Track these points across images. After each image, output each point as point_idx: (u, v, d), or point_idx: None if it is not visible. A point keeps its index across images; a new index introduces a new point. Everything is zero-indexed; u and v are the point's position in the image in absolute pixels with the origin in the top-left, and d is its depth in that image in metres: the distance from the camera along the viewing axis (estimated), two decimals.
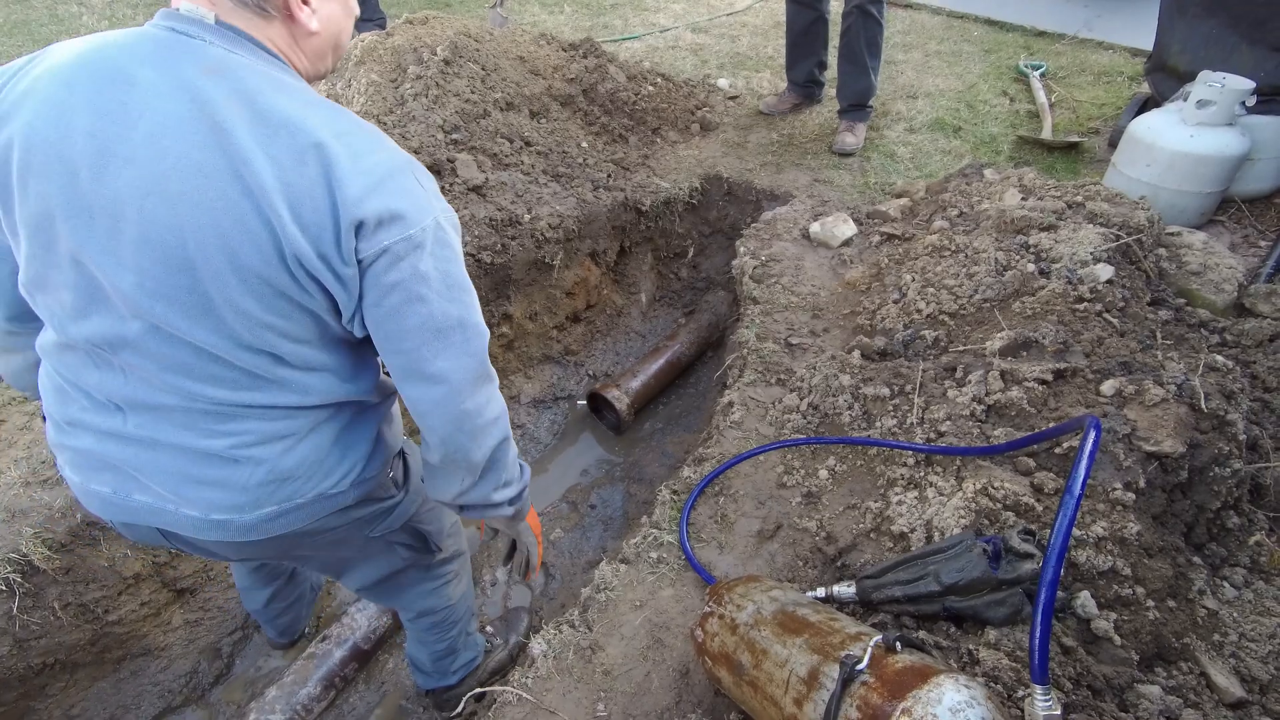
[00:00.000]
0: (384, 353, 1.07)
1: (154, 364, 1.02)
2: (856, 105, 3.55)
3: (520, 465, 1.29)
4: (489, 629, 2.13)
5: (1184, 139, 2.73)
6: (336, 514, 1.23)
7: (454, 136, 2.76)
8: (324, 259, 0.96)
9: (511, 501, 1.27)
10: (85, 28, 4.72)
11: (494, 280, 2.66)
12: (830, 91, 3.89)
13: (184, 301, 0.96)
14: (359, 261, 0.98)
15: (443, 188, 2.61)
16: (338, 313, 1.04)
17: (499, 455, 1.18)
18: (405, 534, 1.48)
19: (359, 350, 1.15)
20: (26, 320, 1.15)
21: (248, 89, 0.93)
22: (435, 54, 2.91)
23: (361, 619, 2.11)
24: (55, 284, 1.00)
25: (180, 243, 0.93)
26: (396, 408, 1.33)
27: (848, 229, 2.76)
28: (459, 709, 1.87)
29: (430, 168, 2.61)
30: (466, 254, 2.53)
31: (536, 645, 1.58)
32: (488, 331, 1.11)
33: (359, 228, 0.95)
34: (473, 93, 2.90)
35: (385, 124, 2.62)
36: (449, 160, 2.67)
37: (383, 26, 4.52)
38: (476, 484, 1.19)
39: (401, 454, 1.37)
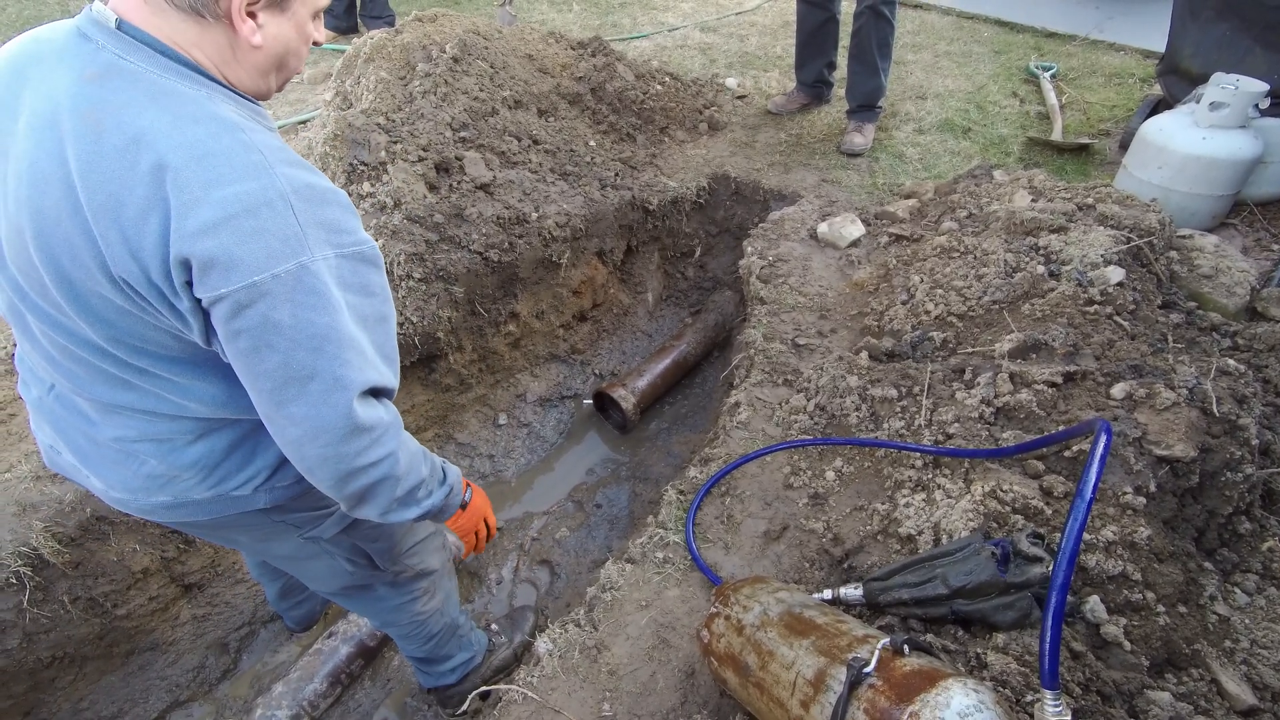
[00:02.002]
0: (246, 388, 0.98)
1: (52, 353, 1.06)
2: (865, 106, 3.54)
3: (433, 489, 1.18)
4: (494, 627, 2.13)
5: (1196, 141, 2.71)
6: (255, 514, 1.21)
7: (462, 134, 2.76)
8: (155, 288, 0.90)
9: (420, 518, 1.18)
10: None
11: (501, 279, 2.67)
12: (839, 92, 3.88)
13: (44, 301, 0.98)
14: (198, 300, 0.90)
15: (450, 186, 2.61)
16: (197, 340, 0.97)
17: (373, 495, 1.07)
18: (344, 548, 1.39)
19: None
20: None
21: (116, 100, 0.88)
22: (444, 52, 2.91)
23: None
24: None
25: (26, 246, 0.93)
26: None
27: (856, 229, 2.75)
28: (463, 707, 1.86)
29: (438, 165, 2.62)
30: (474, 252, 2.54)
31: (542, 644, 1.58)
32: (363, 384, 0.99)
33: (187, 265, 0.87)
34: (481, 91, 2.90)
35: (394, 121, 2.63)
36: (457, 158, 2.67)
37: (391, 24, 4.53)
38: (358, 510, 1.09)
39: None
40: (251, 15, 0.93)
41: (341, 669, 2.03)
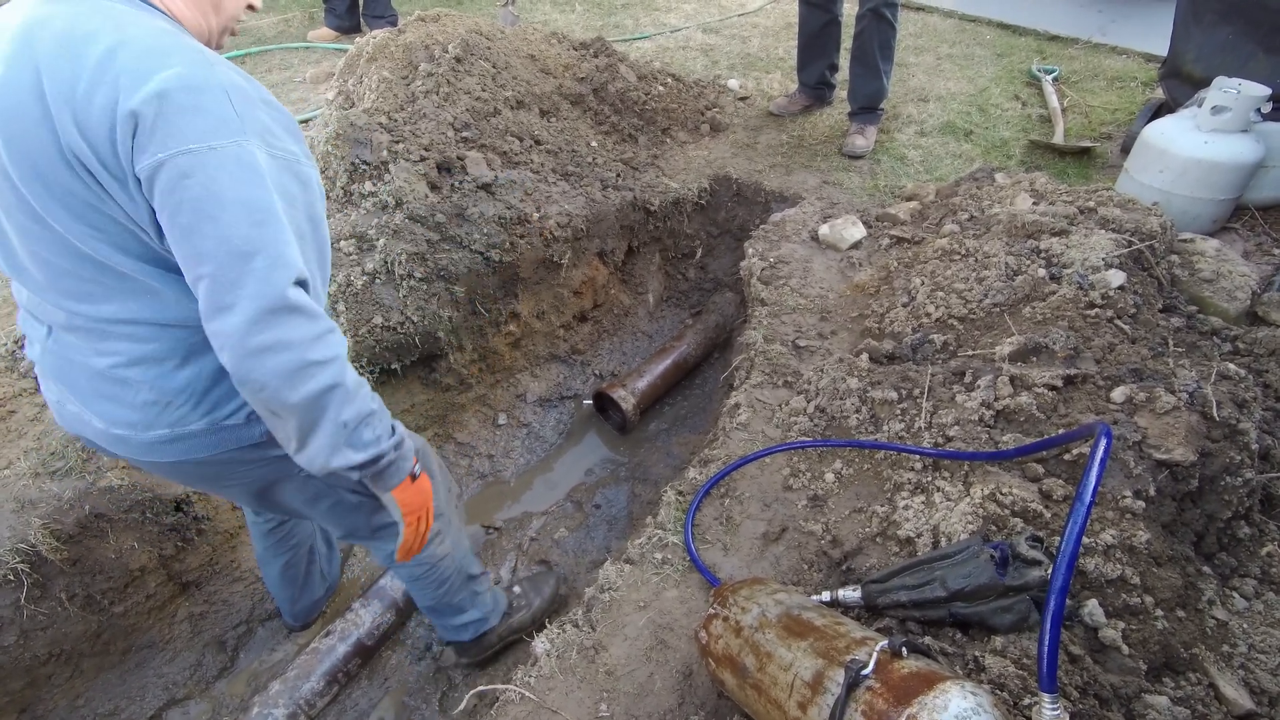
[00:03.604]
0: (190, 283, 1.00)
1: (38, 277, 1.11)
2: (867, 108, 3.54)
3: (380, 434, 1.16)
4: (516, 590, 2.13)
5: (1198, 145, 2.71)
6: (248, 449, 1.23)
7: (464, 134, 2.76)
8: (104, 168, 0.97)
9: (363, 466, 1.14)
10: None
11: (502, 279, 2.67)
12: (841, 94, 3.88)
13: (22, 213, 1.04)
14: (139, 177, 0.95)
15: (452, 186, 2.61)
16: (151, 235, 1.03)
17: (324, 408, 1.05)
18: (343, 480, 1.35)
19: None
20: None
21: (73, 12, 0.99)
22: (447, 51, 2.91)
23: (366, 614, 2.11)
24: None
25: (0, 156, 1.01)
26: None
27: (857, 231, 2.75)
28: (477, 659, 1.96)
29: (440, 165, 2.62)
30: (475, 252, 2.54)
31: (539, 644, 1.58)
32: (300, 269, 1.01)
33: (136, 127, 0.93)
34: (483, 91, 2.91)
35: (396, 120, 2.63)
36: (459, 158, 2.67)
37: (394, 24, 4.54)
38: (308, 441, 1.07)
39: None
40: None
41: (339, 668, 2.03)
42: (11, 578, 1.74)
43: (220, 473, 1.29)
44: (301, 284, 1.03)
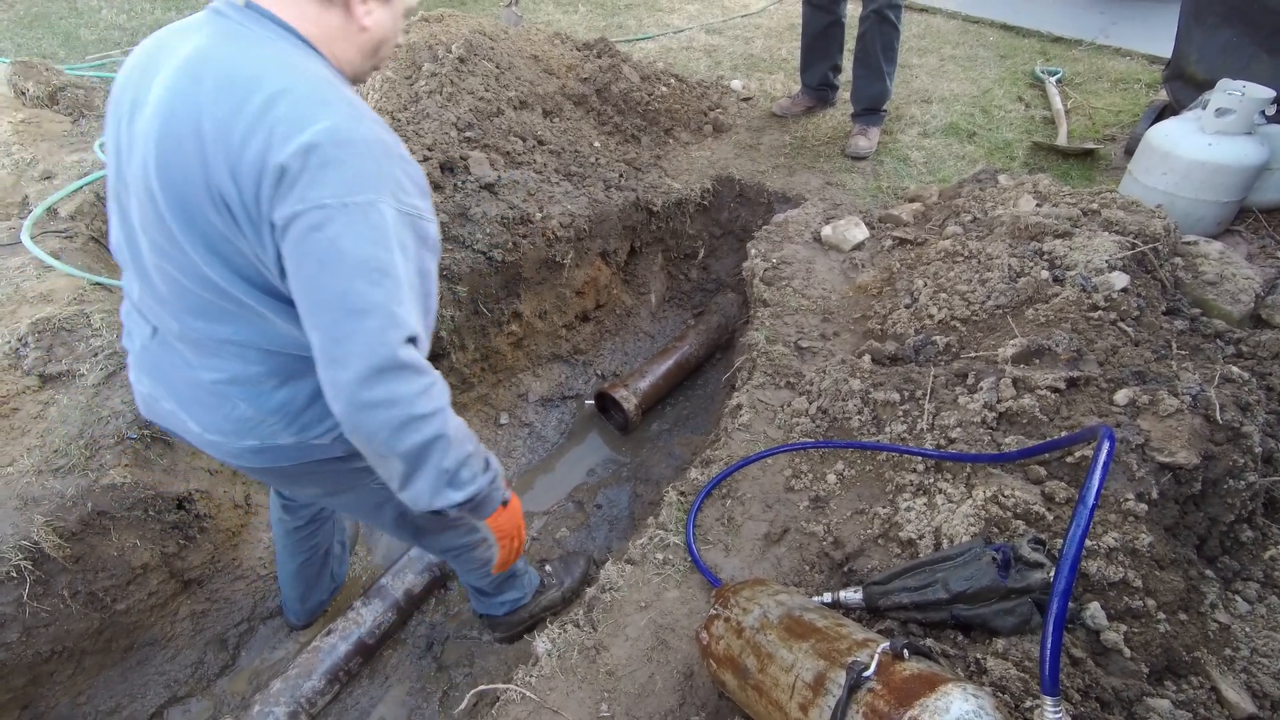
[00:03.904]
0: (306, 332, 1.05)
1: (161, 289, 1.17)
2: (870, 109, 3.54)
3: (477, 473, 1.20)
4: (548, 568, 2.19)
5: (1202, 147, 2.70)
6: (327, 462, 1.31)
7: (467, 134, 2.76)
8: (245, 209, 1.02)
9: (463, 504, 1.19)
10: (104, 21, 4.76)
11: (504, 278, 2.67)
12: (844, 95, 3.88)
13: (158, 232, 1.11)
14: (274, 224, 1.00)
15: (455, 185, 2.61)
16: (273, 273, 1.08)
17: (427, 457, 1.10)
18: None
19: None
20: None
21: (238, 53, 1.04)
22: (450, 51, 2.92)
23: (367, 614, 2.11)
24: (111, 216, 1.22)
25: (149, 176, 1.06)
26: None
27: (860, 233, 2.75)
28: (508, 635, 2.08)
29: (443, 165, 2.62)
30: (477, 252, 2.54)
31: (540, 644, 1.58)
32: (412, 328, 1.05)
33: (281, 178, 0.98)
34: (487, 91, 2.91)
35: (399, 120, 2.63)
36: (462, 158, 2.67)
37: None
38: (410, 482, 1.12)
39: None
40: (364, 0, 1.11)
41: (340, 667, 2.03)
42: (14, 575, 1.75)
43: (298, 477, 1.38)
44: (412, 340, 1.06)
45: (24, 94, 3.50)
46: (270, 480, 1.49)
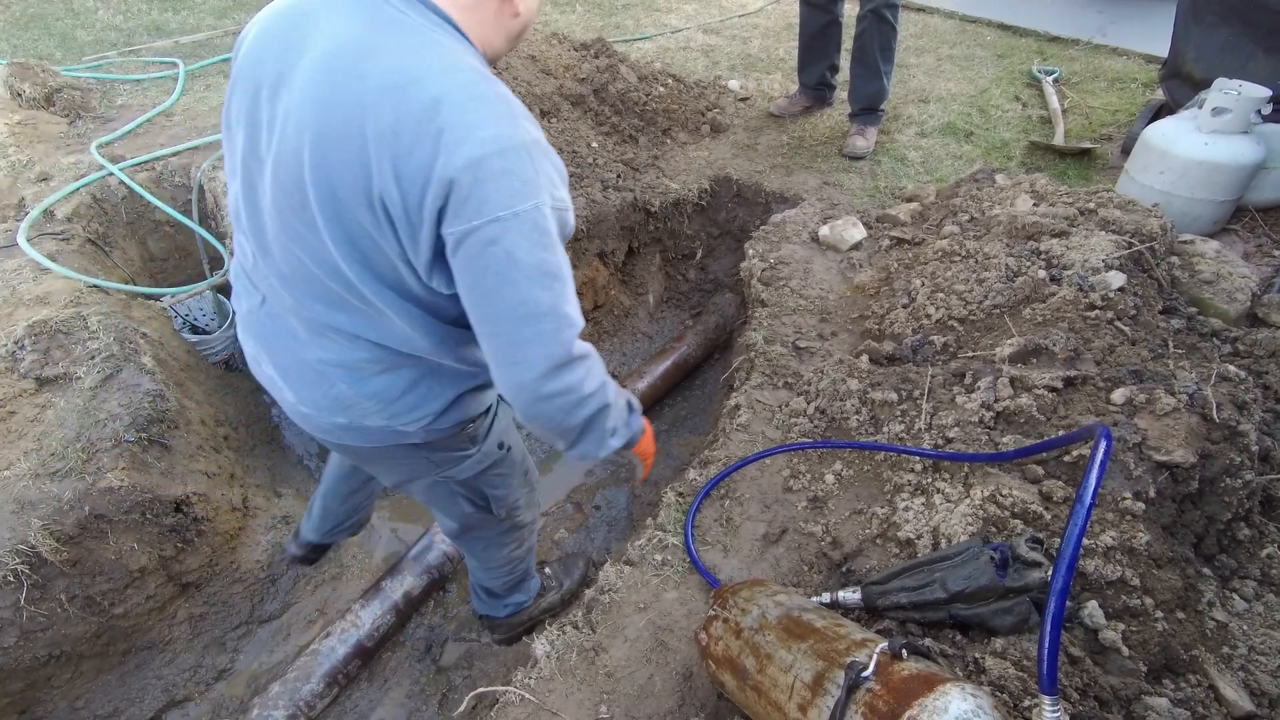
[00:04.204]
0: (479, 337, 1.11)
1: (283, 267, 1.19)
2: (868, 109, 3.54)
3: (626, 420, 1.32)
4: (547, 570, 2.21)
5: (1199, 146, 2.71)
6: (406, 448, 1.39)
7: None
8: (406, 215, 1.03)
9: (618, 450, 1.33)
10: (101, 22, 4.75)
11: None
12: (841, 95, 3.88)
13: (297, 219, 1.11)
14: (444, 237, 1.03)
15: None
16: (416, 273, 1.11)
17: (594, 424, 1.22)
18: (469, 489, 1.58)
19: (445, 315, 1.20)
20: None
21: (396, 45, 1.02)
22: None
23: (366, 616, 2.11)
24: (232, 179, 1.22)
25: (299, 165, 1.06)
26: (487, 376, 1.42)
27: (857, 233, 2.75)
28: (507, 637, 2.11)
29: None
30: None
31: (539, 646, 1.58)
32: (579, 323, 1.14)
33: (447, 193, 0.99)
34: None
35: None
36: None
37: None
38: (577, 445, 1.25)
39: (489, 412, 1.49)
40: None
41: (339, 670, 2.03)
42: (11, 579, 1.74)
43: (378, 459, 1.46)
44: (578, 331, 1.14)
45: (20, 95, 3.49)
46: (348, 455, 1.56)
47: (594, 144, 3.22)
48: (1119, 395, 1.76)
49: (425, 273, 1.09)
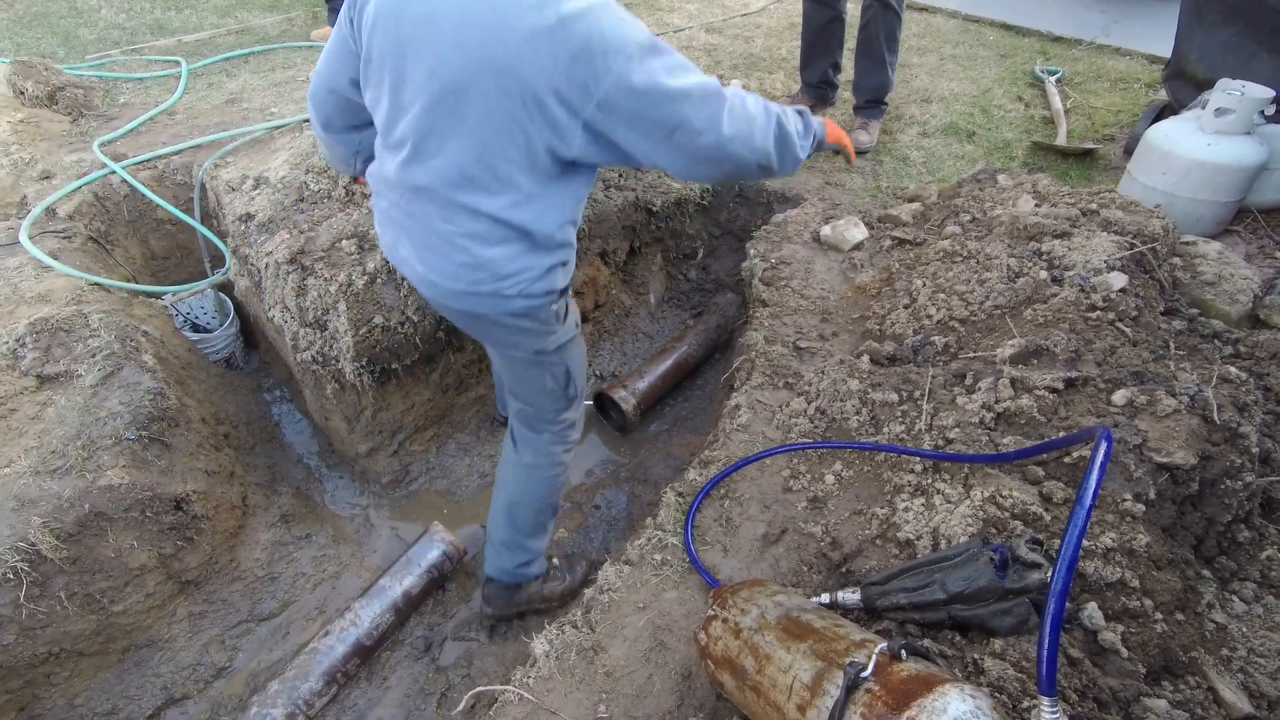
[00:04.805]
0: (661, 162, 1.44)
1: (423, 160, 1.46)
2: (872, 101, 3.54)
3: (801, 125, 1.60)
4: (555, 561, 2.28)
5: (1201, 147, 2.70)
6: (510, 316, 1.63)
7: None
8: (566, 103, 1.33)
9: (813, 149, 1.67)
10: (104, 20, 4.76)
11: None
12: (844, 95, 3.88)
13: (445, 118, 1.38)
14: (598, 102, 1.32)
15: None
16: (554, 148, 1.40)
17: (783, 139, 1.53)
18: (554, 362, 1.82)
19: (555, 193, 1.50)
20: (358, 130, 1.73)
21: None
22: None
23: (365, 615, 2.11)
24: (378, 73, 1.45)
25: (467, 59, 1.31)
26: (572, 261, 1.69)
27: (859, 233, 2.75)
28: (502, 611, 2.19)
29: None
30: None
31: (538, 645, 1.58)
32: (714, 80, 1.40)
33: (585, 59, 1.28)
34: None
35: None
36: None
37: None
38: (782, 162, 1.56)
39: (565, 293, 1.73)
40: None
41: (338, 668, 2.03)
42: (11, 576, 1.75)
43: (486, 326, 1.70)
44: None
45: (23, 93, 3.50)
46: (464, 323, 1.78)
47: None
48: (1120, 396, 1.75)
49: (560, 148, 1.39)
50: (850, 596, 1.45)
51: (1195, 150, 2.71)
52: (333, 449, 2.81)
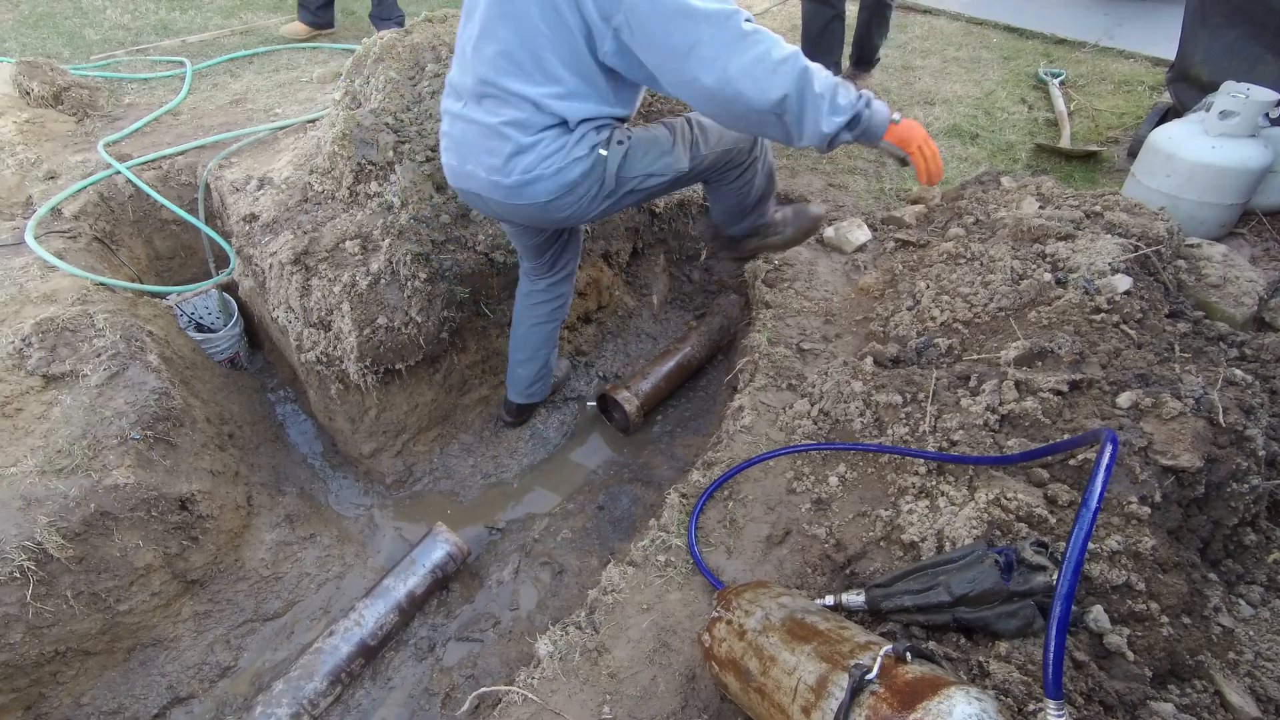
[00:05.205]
0: (662, 77, 1.53)
1: (479, 52, 1.66)
2: (861, 59, 4.02)
3: (836, 92, 1.51)
4: (778, 215, 2.40)
5: (1206, 150, 2.70)
6: (567, 186, 1.76)
7: None
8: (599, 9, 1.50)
9: (850, 126, 1.54)
10: (109, 21, 4.77)
11: (506, 280, 2.67)
12: None
13: (497, 10, 1.60)
14: (626, 8, 1.45)
15: None
16: (592, 48, 1.57)
17: (803, 95, 1.47)
18: (639, 177, 1.85)
19: (598, 95, 1.65)
20: None
21: None
22: (454, 52, 2.92)
23: (369, 615, 2.12)
24: (461, 34, 1.75)
25: None
26: (617, 134, 1.78)
27: (862, 234, 2.75)
28: (738, 254, 2.52)
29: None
30: (479, 253, 2.54)
31: (542, 646, 1.58)
32: (744, 12, 1.46)
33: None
34: None
35: (402, 121, 2.63)
36: None
37: (401, 24, 4.54)
38: (802, 125, 1.51)
39: (605, 166, 1.79)
40: None
41: (342, 668, 2.03)
42: (17, 575, 1.75)
43: (546, 212, 1.83)
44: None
45: (29, 94, 3.51)
46: (530, 216, 1.89)
47: None
48: (1125, 399, 1.75)
49: (598, 43, 1.54)
50: (854, 599, 1.45)
51: (1200, 153, 2.70)
52: (337, 449, 2.81)
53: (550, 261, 2.34)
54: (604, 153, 1.75)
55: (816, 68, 1.50)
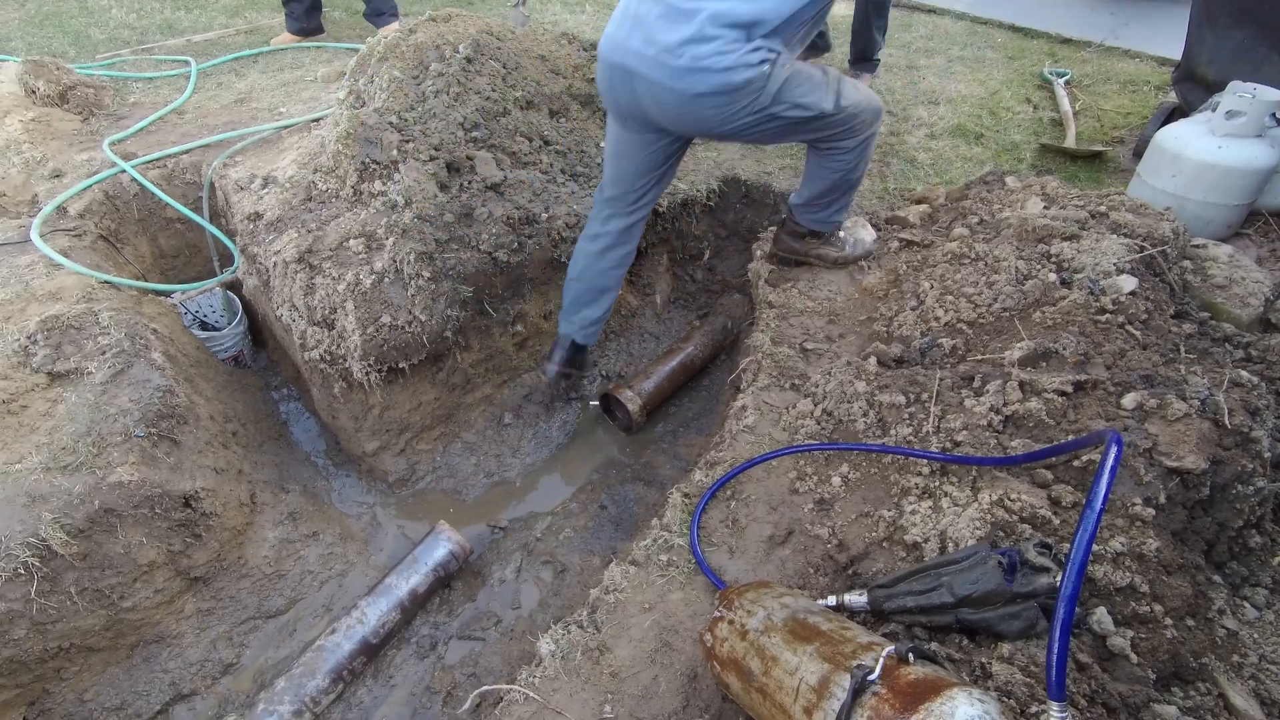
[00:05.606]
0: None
1: None
2: (862, 58, 4.00)
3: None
4: (842, 234, 2.58)
5: (1212, 150, 2.68)
6: (724, 91, 1.87)
7: (474, 134, 2.76)
8: None
9: None
10: (115, 20, 4.79)
11: (509, 279, 2.67)
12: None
13: None
14: None
15: (461, 186, 2.62)
16: None
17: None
18: (778, 111, 1.97)
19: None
20: None
21: None
22: (458, 52, 2.92)
23: (371, 613, 2.12)
24: None
25: None
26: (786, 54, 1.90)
27: (866, 234, 2.74)
28: (792, 250, 2.61)
29: (449, 165, 2.62)
30: (483, 252, 2.54)
31: (544, 645, 1.58)
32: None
33: None
34: (493, 91, 2.91)
35: (406, 120, 2.64)
36: (468, 158, 2.67)
37: (395, 15, 4.53)
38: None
39: (773, 76, 1.90)
40: None
41: (344, 665, 2.03)
42: (22, 571, 1.76)
43: (686, 109, 1.94)
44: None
45: (34, 93, 3.52)
46: (672, 107, 1.97)
47: (603, 144, 3.22)
48: (1130, 400, 1.74)
49: None
50: (857, 599, 1.45)
51: (1206, 153, 2.69)
52: (340, 447, 2.82)
53: (640, 193, 2.37)
54: (770, 70, 1.86)
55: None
